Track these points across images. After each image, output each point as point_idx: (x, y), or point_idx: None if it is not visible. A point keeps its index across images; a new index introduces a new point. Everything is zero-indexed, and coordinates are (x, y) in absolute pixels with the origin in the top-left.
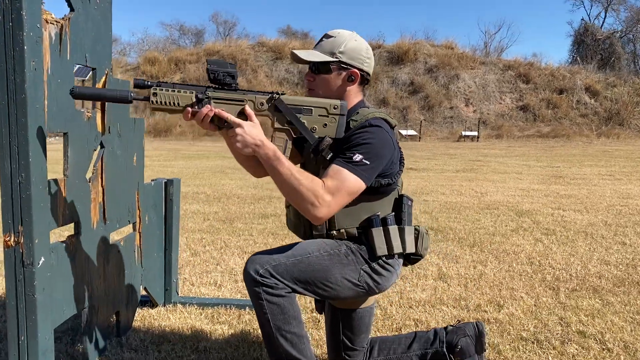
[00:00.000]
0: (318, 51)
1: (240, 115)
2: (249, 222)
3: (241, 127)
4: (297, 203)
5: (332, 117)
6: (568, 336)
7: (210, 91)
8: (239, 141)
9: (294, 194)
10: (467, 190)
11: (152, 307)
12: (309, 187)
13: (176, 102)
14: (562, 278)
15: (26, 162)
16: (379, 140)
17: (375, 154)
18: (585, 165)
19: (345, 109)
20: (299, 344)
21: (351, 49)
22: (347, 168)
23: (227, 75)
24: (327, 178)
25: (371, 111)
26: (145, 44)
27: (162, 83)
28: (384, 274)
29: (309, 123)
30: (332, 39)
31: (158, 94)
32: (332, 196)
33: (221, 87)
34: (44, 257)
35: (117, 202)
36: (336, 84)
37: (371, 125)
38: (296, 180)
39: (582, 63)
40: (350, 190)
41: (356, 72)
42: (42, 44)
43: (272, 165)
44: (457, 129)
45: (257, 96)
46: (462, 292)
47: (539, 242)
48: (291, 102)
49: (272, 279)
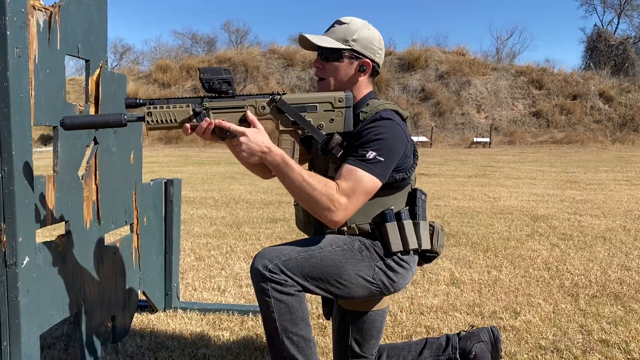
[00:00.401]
0: (330, 37)
1: (243, 123)
2: (256, 226)
3: (245, 135)
4: (312, 209)
5: (339, 111)
6: (590, 345)
7: (207, 101)
8: (244, 150)
9: (308, 199)
10: (480, 195)
11: (151, 312)
12: (323, 192)
13: (173, 119)
14: (581, 284)
15: (9, 155)
16: (391, 134)
17: (389, 149)
18: (601, 171)
19: (351, 101)
20: (305, 348)
21: (364, 38)
22: (361, 167)
23: (222, 83)
24: (341, 180)
25: (381, 103)
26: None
27: (156, 100)
28: (399, 271)
29: (315, 120)
30: (344, 25)
31: (153, 112)
32: (348, 198)
33: (218, 95)
34: (29, 257)
35: (112, 201)
36: (347, 73)
37: (382, 119)
38: (309, 186)
39: (595, 69)
40: (367, 190)
41: (368, 62)
42: (28, 30)
43: (281, 171)
44: (468, 135)
45: (258, 100)
46: (476, 298)
47: (555, 247)
48: (294, 101)
49: (281, 275)
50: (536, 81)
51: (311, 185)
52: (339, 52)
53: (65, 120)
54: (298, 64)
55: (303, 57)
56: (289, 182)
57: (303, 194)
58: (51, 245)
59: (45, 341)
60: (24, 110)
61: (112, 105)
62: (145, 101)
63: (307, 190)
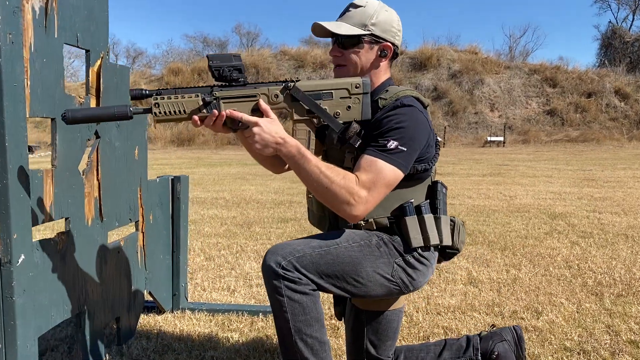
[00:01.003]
0: (347, 23)
1: (255, 112)
2: (267, 226)
3: (258, 125)
4: (330, 202)
5: (356, 98)
6: (618, 346)
7: (217, 90)
8: (257, 141)
9: (326, 193)
10: (495, 194)
11: (158, 313)
12: (342, 185)
13: (182, 110)
14: (605, 283)
15: (2, 147)
16: (413, 122)
17: (411, 138)
18: (619, 169)
19: (368, 87)
20: (320, 351)
21: (383, 21)
22: (382, 158)
23: (233, 70)
24: (360, 171)
25: (402, 89)
26: (169, 56)
27: (163, 90)
28: (419, 268)
29: (330, 108)
30: (361, 8)
31: (160, 103)
32: (369, 191)
33: (228, 84)
34: (25, 254)
35: (115, 198)
36: (368, 59)
37: (403, 105)
38: (327, 179)
39: (610, 66)
40: (388, 182)
41: (389, 45)
42: (23, 16)
43: (297, 163)
44: (482, 134)
45: (270, 88)
46: (495, 297)
47: (575, 245)
48: (308, 88)
49: (295, 273)
50: (550, 79)
51: (329, 178)
52: (358, 38)
53: (67, 114)
54: (309, 65)
55: (314, 58)
56: (305, 174)
57: (321, 187)
58: (50, 243)
59: (49, 343)
60: (18, 100)
61: (114, 98)
62: (151, 92)
63: (324, 183)
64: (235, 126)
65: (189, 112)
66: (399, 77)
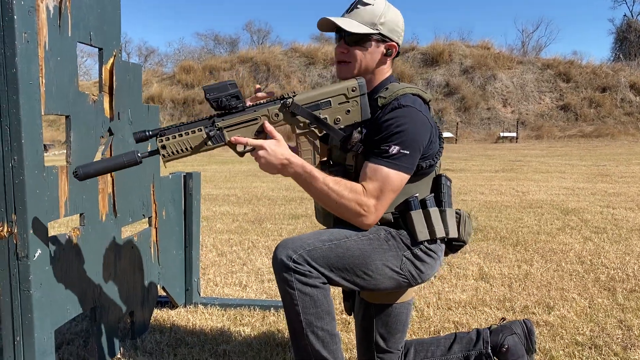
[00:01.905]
0: (355, 20)
1: (260, 133)
2: (278, 222)
3: (263, 148)
4: (342, 215)
5: (354, 101)
6: (631, 341)
7: (219, 121)
8: (263, 163)
9: (336, 207)
10: (508, 190)
11: (171, 307)
12: (350, 198)
13: (188, 147)
14: (618, 278)
15: (19, 145)
16: (413, 123)
17: (413, 140)
18: (633, 164)
19: (364, 88)
20: (330, 343)
21: (391, 20)
22: (386, 165)
23: (231, 98)
24: (366, 181)
25: (401, 87)
26: (181, 54)
27: (166, 130)
28: (427, 260)
29: (330, 115)
30: (370, 7)
31: (167, 145)
32: (377, 199)
33: (229, 112)
34: (41, 249)
35: (129, 194)
36: (374, 58)
37: (401, 107)
38: (335, 194)
39: (625, 60)
40: (395, 187)
41: (395, 45)
42: (38, 16)
43: (304, 182)
44: (494, 130)
45: (270, 108)
46: (506, 292)
47: (588, 240)
48: (306, 100)
49: (306, 266)
50: (563, 74)
51: (337, 193)
52: (367, 36)
53: (79, 171)
54: (320, 62)
55: (325, 55)
56: (314, 191)
57: (330, 202)
58: (65, 238)
59: (64, 337)
60: (34, 98)
61: (127, 96)
62: (155, 132)
63: (334, 198)
64: (243, 150)
65: (194, 148)
66: (411, 72)
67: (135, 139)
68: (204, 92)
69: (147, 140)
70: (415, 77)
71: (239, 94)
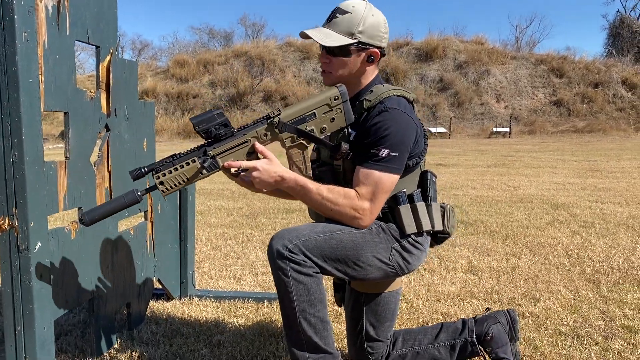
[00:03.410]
0: (334, 31)
1: (252, 154)
2: (272, 217)
3: (256, 169)
4: (338, 220)
5: (337, 109)
6: (612, 331)
7: (210, 150)
8: (257, 183)
9: (332, 213)
10: (499, 185)
11: (167, 300)
12: (345, 204)
13: (184, 180)
14: (603, 271)
15: (19, 140)
16: (399, 125)
17: (400, 142)
18: (624, 159)
19: (346, 95)
20: (322, 330)
21: (370, 27)
22: (377, 168)
23: (220, 127)
24: (359, 186)
25: (385, 89)
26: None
27: (160, 165)
28: (414, 252)
29: (317, 126)
30: (348, 15)
31: (164, 181)
32: (371, 202)
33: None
34: (41, 242)
35: (125, 188)
36: (355, 66)
37: (387, 110)
38: (329, 202)
39: (618, 56)
40: (387, 188)
41: (376, 51)
42: (37, 15)
43: (299, 194)
44: (487, 125)
45: (258, 129)
46: (494, 285)
47: (576, 234)
48: (291, 116)
49: (301, 256)
50: (557, 70)
51: (332, 201)
52: (346, 47)
53: (84, 218)
54: (314, 56)
55: (319, 49)
56: (310, 202)
57: (327, 210)
58: (64, 232)
59: (62, 328)
60: (34, 95)
61: (123, 92)
62: (150, 168)
63: (329, 206)
64: (237, 173)
65: (190, 178)
66: (405, 67)
67: (132, 177)
68: (192, 125)
69: (143, 177)
70: (410, 72)
71: (227, 121)
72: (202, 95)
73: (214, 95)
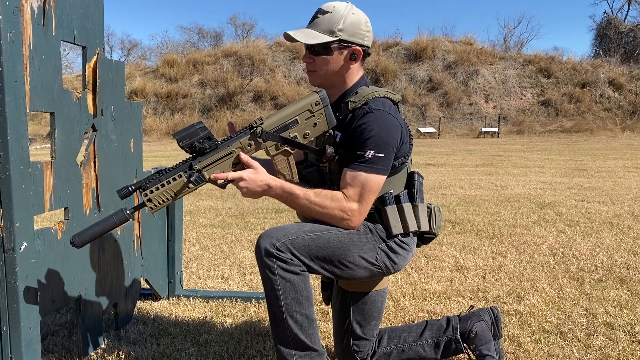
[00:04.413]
0: (315, 30)
1: (237, 164)
2: (261, 217)
3: (242, 179)
4: (328, 222)
5: (318, 113)
6: (594, 328)
7: (196, 163)
8: (245, 193)
9: (321, 217)
10: (487, 184)
11: (155, 300)
12: (333, 207)
13: (172, 195)
14: (587, 269)
15: (4, 141)
16: (383, 126)
17: (385, 142)
18: (610, 159)
19: (326, 99)
20: (308, 327)
21: (351, 25)
22: (363, 170)
23: (204, 140)
24: (347, 188)
25: (370, 90)
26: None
27: (147, 182)
28: (400, 252)
29: (300, 132)
30: (328, 14)
31: (151, 198)
32: (359, 203)
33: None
34: (27, 242)
35: (112, 188)
36: (338, 64)
37: (372, 111)
38: (317, 206)
39: (605, 56)
40: (374, 189)
41: (358, 49)
42: (22, 16)
43: (287, 200)
44: (476, 125)
45: (241, 140)
46: (480, 283)
47: (562, 233)
48: (274, 124)
49: (288, 254)
50: (545, 70)
51: (319, 205)
52: (327, 45)
53: (75, 240)
54: None
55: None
56: (298, 207)
57: (315, 214)
58: (50, 232)
59: (49, 328)
60: (19, 96)
61: (110, 92)
62: (137, 185)
63: (317, 210)
64: (225, 183)
65: (177, 192)
66: (394, 68)
67: (119, 196)
68: (176, 141)
69: (130, 195)
70: (399, 73)
71: (210, 134)
72: (191, 95)
73: (203, 95)
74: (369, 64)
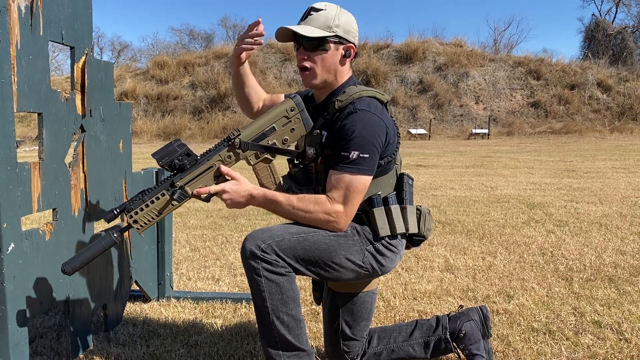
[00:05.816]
0: (312, 26)
1: (219, 177)
2: (252, 218)
3: (225, 191)
4: (315, 226)
5: (295, 118)
6: (582, 326)
7: (177, 180)
8: (229, 205)
9: (307, 221)
10: (477, 185)
11: (144, 301)
12: (317, 210)
13: (157, 214)
14: (576, 268)
15: None
16: (366, 126)
17: (370, 143)
18: (599, 159)
19: (301, 104)
20: (295, 328)
21: (345, 22)
22: (348, 171)
23: (183, 157)
24: (331, 190)
25: (358, 90)
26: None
27: (131, 204)
28: (387, 254)
29: (278, 139)
30: (323, 11)
31: (137, 219)
32: (344, 205)
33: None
34: (14, 243)
35: (101, 189)
36: (334, 60)
37: (356, 111)
38: (301, 211)
39: (593, 58)
40: (359, 190)
41: (352, 46)
42: (9, 15)
43: (271, 207)
44: (467, 126)
45: (221, 153)
46: (469, 283)
47: (551, 233)
48: (252, 134)
49: (273, 256)
50: (534, 72)
51: (303, 209)
52: (324, 40)
53: (66, 268)
54: (295, 58)
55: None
56: (283, 213)
57: (300, 219)
58: (38, 233)
59: (38, 331)
60: (6, 96)
61: (99, 93)
62: (121, 208)
63: (302, 215)
64: (209, 197)
65: (161, 210)
66: (385, 70)
67: (105, 220)
68: (156, 161)
69: (116, 218)
70: (390, 74)
71: (188, 150)
72: (182, 97)
73: (194, 97)
74: (359, 65)
